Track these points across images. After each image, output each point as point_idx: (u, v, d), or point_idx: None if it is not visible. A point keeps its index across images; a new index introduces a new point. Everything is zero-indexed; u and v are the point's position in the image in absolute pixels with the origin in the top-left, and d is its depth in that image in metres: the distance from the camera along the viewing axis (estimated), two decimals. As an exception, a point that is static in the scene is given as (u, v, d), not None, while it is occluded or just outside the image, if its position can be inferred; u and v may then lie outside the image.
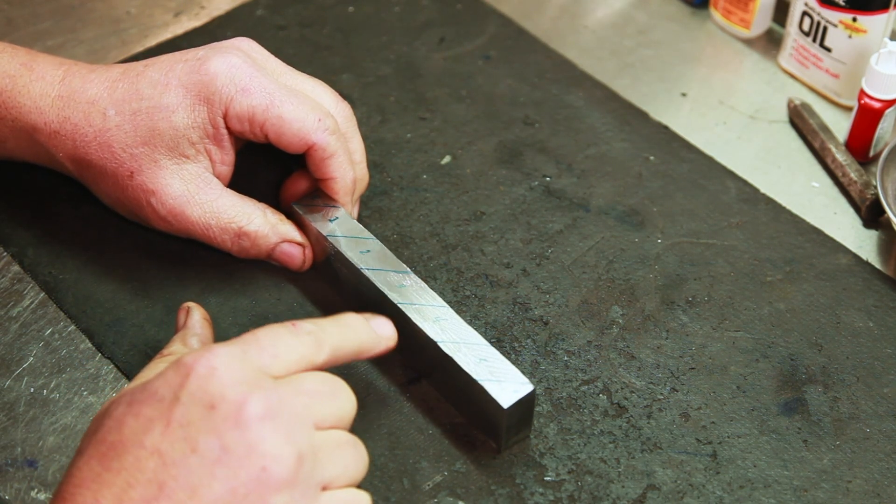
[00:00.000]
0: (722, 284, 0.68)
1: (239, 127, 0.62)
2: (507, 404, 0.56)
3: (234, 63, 0.62)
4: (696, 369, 0.64)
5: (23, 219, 0.69)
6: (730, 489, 0.59)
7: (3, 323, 0.64)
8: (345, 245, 0.63)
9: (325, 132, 0.62)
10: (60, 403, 0.61)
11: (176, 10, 0.85)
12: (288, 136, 0.62)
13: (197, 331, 0.59)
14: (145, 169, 0.63)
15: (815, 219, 0.72)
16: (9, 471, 0.58)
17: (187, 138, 0.62)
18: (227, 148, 0.64)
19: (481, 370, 0.57)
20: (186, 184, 0.63)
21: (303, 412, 0.49)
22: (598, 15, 0.87)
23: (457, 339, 0.58)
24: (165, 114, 0.62)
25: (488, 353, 0.58)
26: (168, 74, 0.62)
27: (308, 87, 0.65)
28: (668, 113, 0.79)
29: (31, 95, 0.64)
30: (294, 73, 0.66)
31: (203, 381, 0.48)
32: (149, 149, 0.62)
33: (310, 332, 0.52)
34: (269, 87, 0.62)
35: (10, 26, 0.83)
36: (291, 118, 0.62)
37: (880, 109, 0.73)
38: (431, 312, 0.60)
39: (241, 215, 0.64)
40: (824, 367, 0.64)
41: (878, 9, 0.74)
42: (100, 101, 0.63)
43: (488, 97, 0.79)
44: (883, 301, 0.67)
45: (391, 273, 0.61)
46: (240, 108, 0.61)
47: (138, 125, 0.62)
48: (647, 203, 0.72)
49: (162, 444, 0.46)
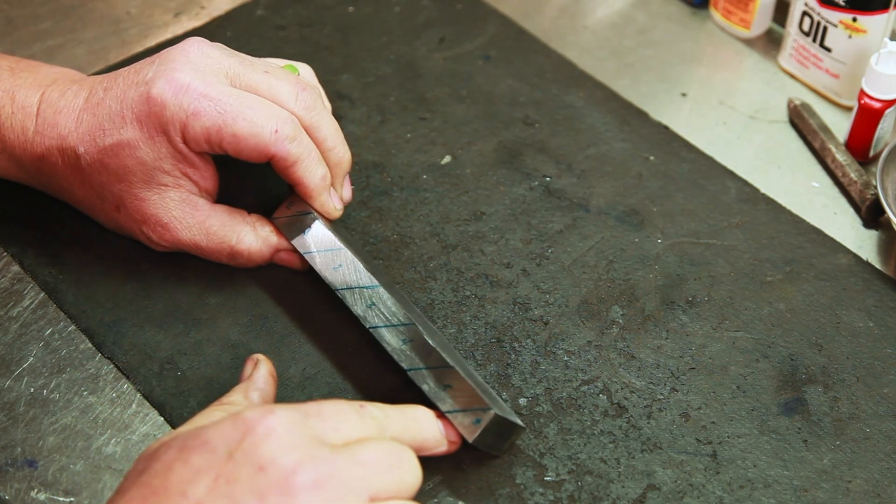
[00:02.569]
0: (722, 284, 0.68)
1: (198, 147, 0.61)
2: (471, 437, 0.56)
3: (179, 84, 0.60)
4: (696, 369, 0.64)
5: (23, 219, 0.69)
6: (730, 489, 0.59)
7: (3, 323, 0.64)
8: (318, 262, 0.63)
9: (284, 142, 0.61)
10: (60, 403, 0.61)
11: (176, 11, 0.85)
12: (247, 152, 0.61)
13: (260, 385, 0.57)
14: (128, 203, 0.63)
15: (815, 219, 0.72)
16: (9, 471, 0.58)
17: (159, 169, 0.62)
18: (201, 165, 0.63)
19: (446, 400, 0.57)
20: (172, 210, 0.63)
21: (356, 484, 0.48)
22: (598, 15, 0.87)
23: (422, 363, 0.58)
24: (129, 150, 0.61)
25: (453, 377, 0.57)
26: (122, 105, 0.61)
27: (264, 85, 0.62)
28: (668, 113, 0.79)
29: (13, 130, 0.63)
30: (249, 67, 0.63)
31: (258, 441, 0.47)
32: (126, 185, 0.62)
33: (374, 418, 0.52)
34: (218, 104, 0.60)
35: (9, 26, 0.83)
36: (247, 135, 0.60)
37: (880, 109, 0.73)
38: (398, 335, 0.59)
39: (231, 234, 0.64)
40: (824, 367, 0.64)
41: (878, 9, 0.74)
42: (69, 137, 0.62)
43: (488, 97, 0.79)
44: (883, 301, 0.67)
45: (359, 291, 0.61)
46: (193, 132, 0.60)
47: (108, 165, 0.62)
48: (647, 203, 0.72)
49: (205, 498, 0.46)
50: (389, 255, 0.68)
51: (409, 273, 0.68)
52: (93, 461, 0.59)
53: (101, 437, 0.60)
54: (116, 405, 0.61)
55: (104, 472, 0.58)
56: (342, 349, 0.64)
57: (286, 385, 0.62)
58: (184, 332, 0.64)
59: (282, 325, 0.65)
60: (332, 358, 0.63)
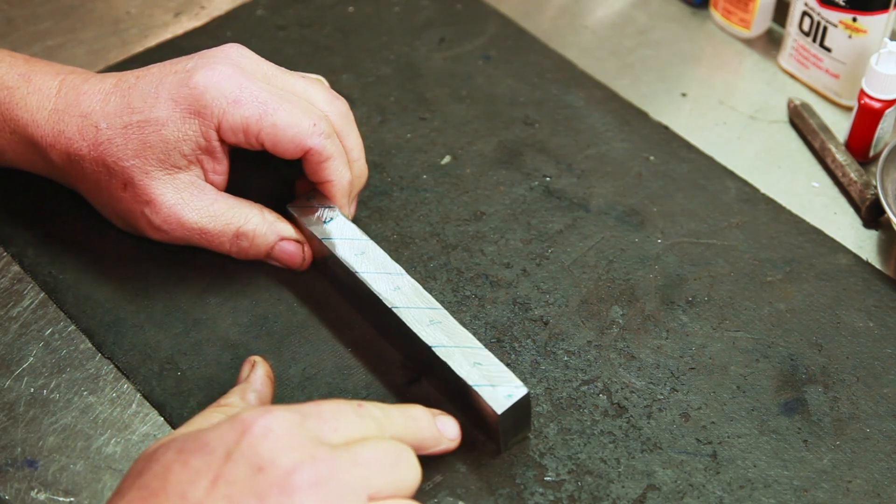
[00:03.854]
0: (722, 284, 0.68)
1: (233, 138, 0.62)
2: (501, 409, 0.56)
3: (222, 74, 0.62)
4: (696, 369, 0.64)
5: (23, 219, 0.69)
6: (730, 489, 0.59)
7: (3, 323, 0.64)
8: (340, 248, 0.63)
9: (321, 136, 0.62)
10: (60, 403, 0.61)
11: (176, 11, 0.85)
12: (283, 144, 0.62)
13: (257, 387, 0.58)
14: (137, 181, 0.63)
15: (815, 219, 0.72)
16: (9, 471, 0.58)
17: (178, 150, 0.62)
18: (219, 158, 0.63)
19: (476, 374, 0.57)
20: (180, 192, 0.63)
21: (356, 483, 0.48)
22: (598, 15, 0.87)
23: (451, 342, 0.58)
24: (156, 127, 0.61)
25: (483, 356, 0.58)
26: (158, 87, 0.62)
27: (300, 87, 0.65)
28: (668, 113, 0.79)
29: (28, 108, 0.64)
30: (285, 73, 0.65)
31: (256, 442, 0.47)
32: (140, 161, 0.62)
33: (374, 417, 0.52)
34: (260, 95, 0.61)
35: (9, 26, 0.83)
36: (286, 125, 0.61)
37: (880, 109, 0.73)
38: (426, 316, 0.60)
39: (238, 216, 0.64)
40: (824, 368, 0.64)
41: (878, 9, 0.74)
42: (92, 115, 0.63)
43: (488, 97, 0.79)
44: (883, 301, 0.67)
45: (386, 276, 0.61)
46: (233, 120, 0.61)
47: (129, 138, 0.62)
48: (647, 203, 0.72)
49: (204, 500, 0.46)
50: (389, 255, 0.68)
51: (409, 273, 0.67)
52: (93, 461, 0.59)
53: (101, 437, 0.60)
54: (116, 405, 0.61)
55: (104, 472, 0.58)
56: (342, 349, 0.64)
57: (286, 385, 0.62)
58: (184, 333, 0.64)
59: (282, 326, 0.65)
60: (331, 358, 0.63)
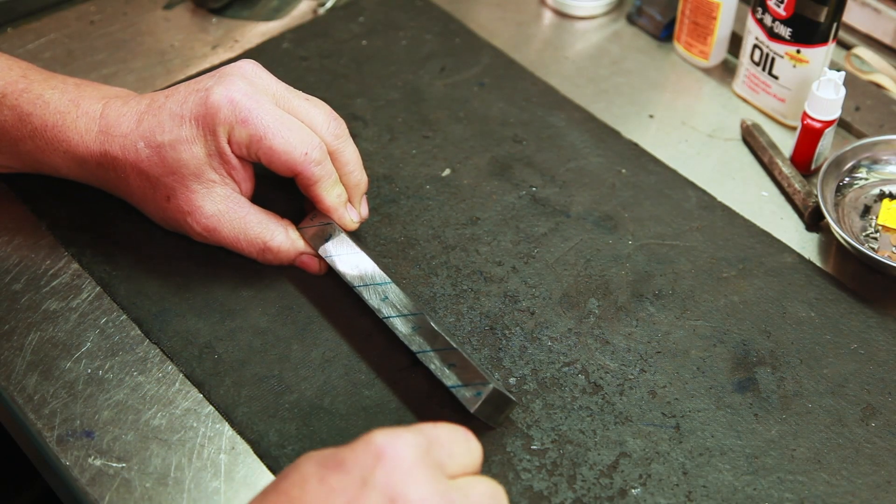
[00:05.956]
0: (684, 280, 0.68)
1: (239, 152, 0.62)
2: (473, 408, 0.56)
3: (235, 92, 0.61)
4: (662, 353, 0.64)
5: (82, 223, 0.69)
6: (691, 456, 0.59)
7: (65, 313, 0.64)
8: (338, 264, 0.63)
9: (310, 164, 0.62)
10: (114, 382, 0.61)
11: (213, 44, 0.85)
12: (276, 165, 0.62)
13: None
14: (179, 194, 0.63)
15: (765, 223, 0.72)
16: (69, 440, 0.58)
17: (209, 166, 0.62)
18: (241, 168, 0.63)
19: (452, 377, 0.57)
20: (217, 205, 0.63)
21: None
22: (578, 48, 0.87)
23: (429, 346, 0.58)
24: (186, 146, 0.61)
25: (457, 357, 0.57)
26: (183, 107, 0.62)
27: (303, 109, 0.64)
28: (638, 132, 0.79)
29: (77, 131, 0.63)
30: (292, 93, 0.64)
31: (391, 471, 0.45)
32: (178, 177, 0.62)
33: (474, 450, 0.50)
34: (265, 118, 0.61)
35: (70, 57, 0.83)
36: (280, 150, 0.61)
37: (821, 129, 0.73)
38: (408, 323, 0.59)
39: (266, 232, 0.64)
40: (772, 351, 0.64)
41: (819, 42, 0.74)
42: (131, 135, 0.62)
43: (482, 118, 0.79)
44: (823, 294, 0.67)
45: (376, 286, 0.62)
46: (238, 136, 0.61)
47: (165, 157, 0.62)
48: (620, 209, 0.72)
49: None
50: (397, 255, 0.69)
51: (415, 270, 0.68)
52: (141, 432, 0.59)
53: (149, 411, 0.60)
54: (162, 384, 0.61)
55: (151, 441, 0.58)
56: (357, 335, 0.64)
57: (308, 366, 0.62)
58: (220, 321, 0.64)
59: (305, 315, 0.65)
60: (348, 342, 0.63)
